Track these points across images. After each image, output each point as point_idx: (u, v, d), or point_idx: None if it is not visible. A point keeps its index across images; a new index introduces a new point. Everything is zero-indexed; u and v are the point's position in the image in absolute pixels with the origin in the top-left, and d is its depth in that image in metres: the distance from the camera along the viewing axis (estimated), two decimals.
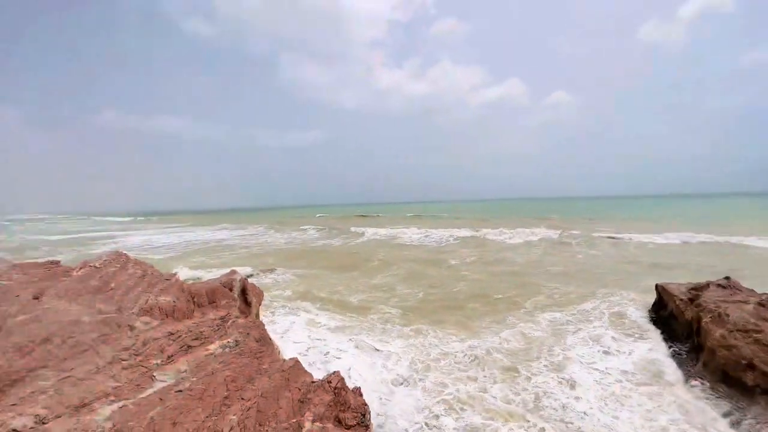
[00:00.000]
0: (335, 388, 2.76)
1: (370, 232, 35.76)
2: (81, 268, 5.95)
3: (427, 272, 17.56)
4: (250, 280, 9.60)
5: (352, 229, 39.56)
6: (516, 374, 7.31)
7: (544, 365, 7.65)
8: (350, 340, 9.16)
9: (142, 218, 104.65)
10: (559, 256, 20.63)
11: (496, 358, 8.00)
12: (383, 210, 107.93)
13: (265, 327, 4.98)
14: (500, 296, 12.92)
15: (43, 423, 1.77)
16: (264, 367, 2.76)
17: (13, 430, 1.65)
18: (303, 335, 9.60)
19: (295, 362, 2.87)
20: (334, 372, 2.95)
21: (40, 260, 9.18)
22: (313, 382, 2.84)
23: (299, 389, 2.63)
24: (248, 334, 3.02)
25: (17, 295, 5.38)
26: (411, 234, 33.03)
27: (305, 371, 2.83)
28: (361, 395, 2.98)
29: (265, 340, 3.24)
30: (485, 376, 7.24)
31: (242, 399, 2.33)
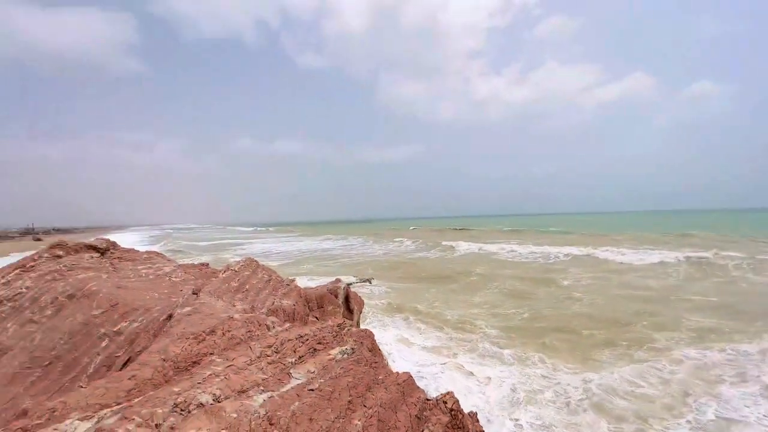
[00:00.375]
0: (451, 409, 2.76)
1: (467, 246, 34.75)
2: (224, 271, 7.17)
3: (532, 291, 16.21)
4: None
5: (448, 242, 38.99)
6: (647, 426, 6.10)
7: (688, 420, 6.21)
8: (444, 360, 8.90)
9: (262, 228, 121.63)
10: (707, 283, 16.84)
11: (618, 401, 6.83)
12: (479, 223, 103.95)
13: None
14: (624, 325, 11.16)
15: (218, 401, 2.21)
16: (380, 377, 2.92)
17: (200, 403, 2.12)
18: (394, 349, 9.70)
19: (408, 376, 2.96)
20: (448, 392, 2.94)
21: (195, 262, 11.41)
22: (428, 399, 2.88)
23: (415, 405, 2.70)
24: (362, 343, 3.24)
25: (181, 290, 6.75)
26: (512, 249, 31.00)
27: (418, 387, 2.89)
28: (478, 421, 2.91)
29: (376, 351, 3.42)
30: (604, 426, 6.19)
31: (364, 406, 2.51)
